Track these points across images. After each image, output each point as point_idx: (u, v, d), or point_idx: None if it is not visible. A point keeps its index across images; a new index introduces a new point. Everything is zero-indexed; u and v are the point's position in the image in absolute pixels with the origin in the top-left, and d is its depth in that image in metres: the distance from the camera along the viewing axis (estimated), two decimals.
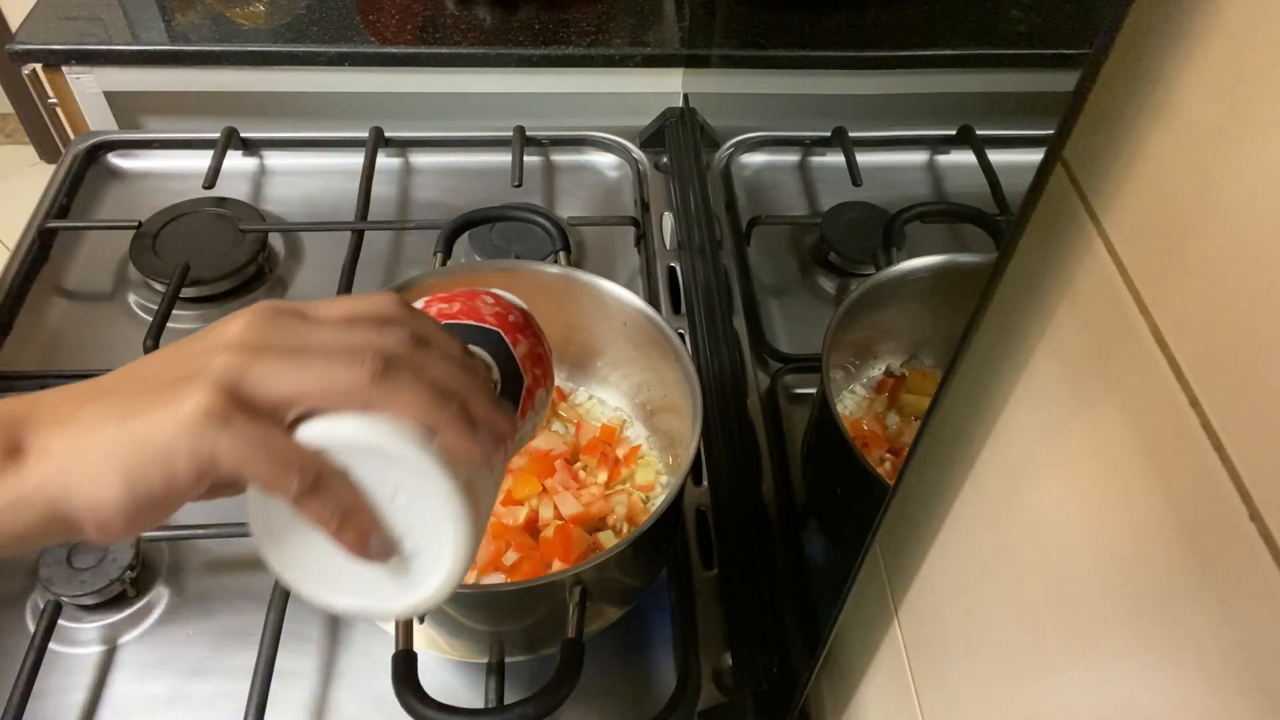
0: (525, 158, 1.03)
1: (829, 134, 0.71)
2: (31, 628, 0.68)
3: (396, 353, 0.37)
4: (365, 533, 0.38)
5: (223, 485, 0.37)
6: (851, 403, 0.68)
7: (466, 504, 0.38)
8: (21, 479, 0.34)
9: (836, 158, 0.70)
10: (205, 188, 0.97)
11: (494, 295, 0.49)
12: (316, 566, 0.39)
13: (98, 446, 0.34)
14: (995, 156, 0.46)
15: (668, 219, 1.02)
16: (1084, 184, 0.34)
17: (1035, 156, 0.32)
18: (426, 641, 0.61)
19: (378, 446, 0.36)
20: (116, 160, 1.06)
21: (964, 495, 0.43)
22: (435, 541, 0.38)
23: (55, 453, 0.34)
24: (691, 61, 1.13)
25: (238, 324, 0.37)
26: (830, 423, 0.60)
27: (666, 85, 1.15)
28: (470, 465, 0.39)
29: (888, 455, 0.63)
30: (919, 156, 0.59)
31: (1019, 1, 0.46)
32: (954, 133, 0.51)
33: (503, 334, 0.46)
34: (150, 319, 0.86)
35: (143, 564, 0.71)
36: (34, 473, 0.34)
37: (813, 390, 0.73)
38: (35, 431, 0.35)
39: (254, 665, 0.65)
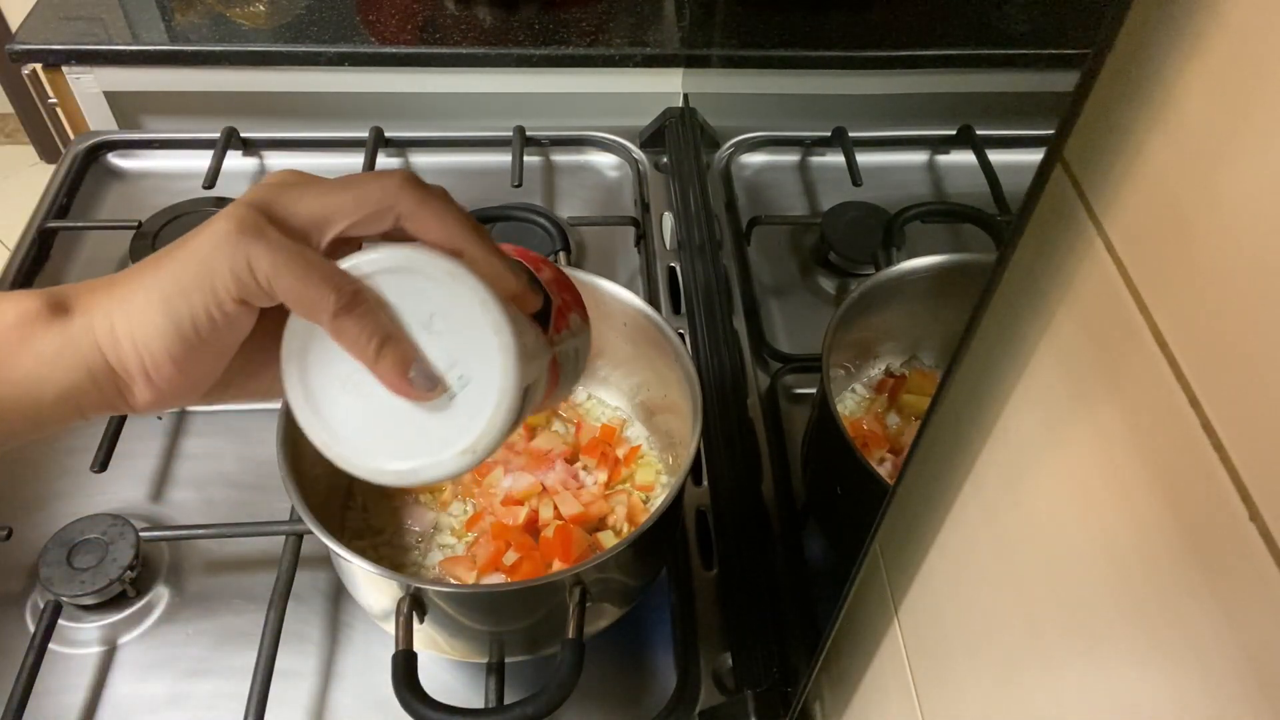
0: (525, 158, 1.03)
1: (829, 134, 0.71)
2: (31, 628, 0.68)
3: (423, 182, 0.37)
4: (406, 360, 0.36)
5: (259, 355, 0.38)
6: (851, 403, 0.68)
7: (508, 317, 0.36)
8: (66, 327, 0.34)
9: (836, 158, 0.70)
10: (205, 188, 0.97)
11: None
12: (359, 425, 0.37)
13: (139, 289, 0.34)
14: (995, 156, 0.46)
15: (668, 219, 1.02)
16: (1084, 184, 0.34)
17: (1035, 156, 0.32)
18: (426, 641, 0.61)
19: (407, 263, 0.36)
20: (116, 160, 1.06)
21: (964, 495, 0.43)
22: (482, 366, 0.36)
23: (99, 304, 0.35)
24: (691, 61, 1.13)
25: (265, 179, 0.37)
26: (830, 423, 0.60)
27: (666, 85, 1.15)
28: (506, 294, 0.37)
29: (888, 455, 0.63)
30: (919, 156, 0.59)
31: (1019, 1, 0.46)
32: (954, 133, 0.51)
33: (525, 262, 0.45)
34: None
35: (143, 564, 0.71)
36: (78, 321, 0.34)
37: (813, 390, 0.73)
38: (79, 293, 0.35)
39: (254, 665, 0.65)
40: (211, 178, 0.98)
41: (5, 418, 0.34)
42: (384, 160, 1.06)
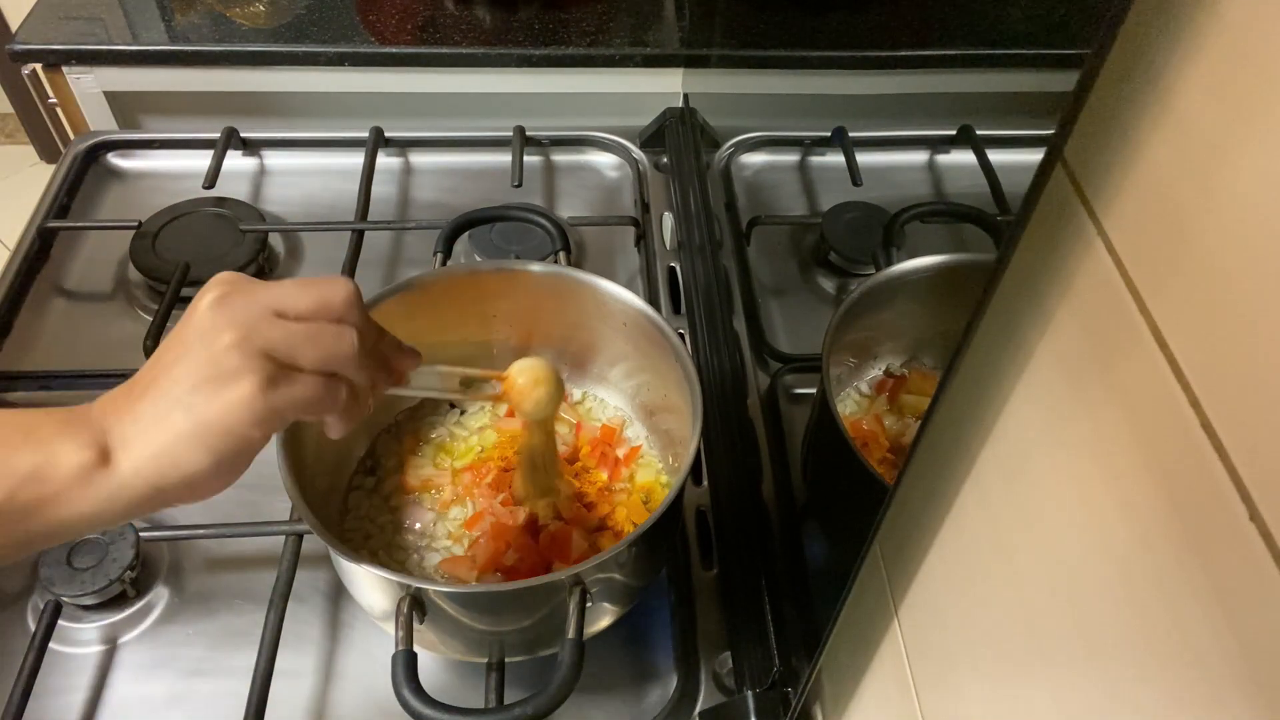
0: (525, 158, 1.03)
1: (829, 134, 0.71)
2: (31, 628, 0.68)
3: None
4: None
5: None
6: (851, 403, 0.68)
7: None
8: (118, 473, 0.41)
9: (836, 158, 0.70)
10: (205, 188, 0.97)
11: None
12: None
13: (176, 436, 0.41)
14: (995, 156, 0.46)
15: (668, 219, 1.02)
16: (1084, 184, 0.34)
17: (1035, 156, 0.32)
18: (426, 641, 0.61)
19: None
20: (116, 160, 1.06)
21: (964, 495, 0.43)
22: None
23: (137, 448, 0.41)
24: (691, 61, 1.13)
25: (230, 330, 0.43)
26: (830, 423, 0.60)
27: (666, 85, 1.15)
28: None
29: (888, 455, 0.63)
30: (919, 156, 0.59)
31: (1019, 1, 0.46)
32: (954, 133, 0.51)
33: None
34: (150, 319, 0.86)
35: (143, 564, 0.71)
36: (124, 466, 0.41)
37: (813, 390, 0.73)
38: (116, 435, 0.42)
39: (254, 665, 0.65)
40: (211, 178, 0.98)
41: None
42: (384, 160, 1.06)
